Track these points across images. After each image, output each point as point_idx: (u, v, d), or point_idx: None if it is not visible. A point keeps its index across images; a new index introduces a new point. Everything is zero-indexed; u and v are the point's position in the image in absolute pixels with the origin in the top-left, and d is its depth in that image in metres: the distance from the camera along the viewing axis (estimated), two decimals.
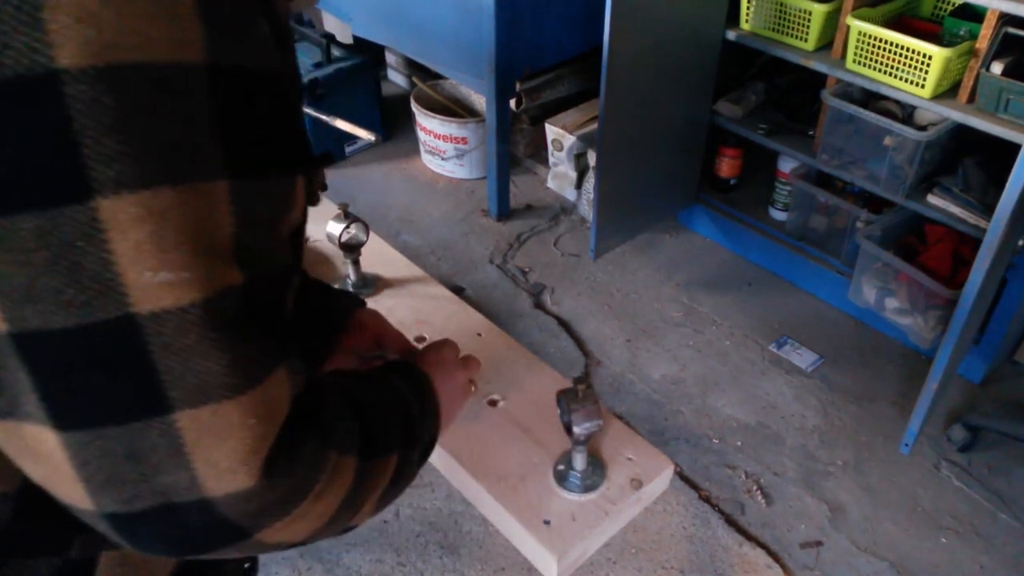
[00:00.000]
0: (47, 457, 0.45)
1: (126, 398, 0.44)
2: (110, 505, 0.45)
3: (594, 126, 2.81)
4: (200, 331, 0.44)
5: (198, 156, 0.43)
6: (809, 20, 2.18)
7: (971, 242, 2.12)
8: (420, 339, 1.12)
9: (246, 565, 0.76)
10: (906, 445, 2.10)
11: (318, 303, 0.89)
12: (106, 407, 0.44)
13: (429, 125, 3.07)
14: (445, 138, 3.05)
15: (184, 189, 0.43)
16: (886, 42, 1.99)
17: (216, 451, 0.45)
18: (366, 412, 0.59)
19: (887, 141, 2.14)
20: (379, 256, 1.27)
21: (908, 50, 1.95)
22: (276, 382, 0.48)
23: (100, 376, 0.43)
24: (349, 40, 3.27)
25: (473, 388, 0.87)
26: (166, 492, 0.45)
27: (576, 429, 0.86)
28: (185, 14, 0.42)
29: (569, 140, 2.86)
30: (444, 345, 0.83)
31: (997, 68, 1.84)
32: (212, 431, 0.45)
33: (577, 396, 0.86)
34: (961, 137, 2.12)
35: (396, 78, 3.74)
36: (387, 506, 0.62)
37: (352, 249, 1.18)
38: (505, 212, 2.95)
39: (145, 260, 0.42)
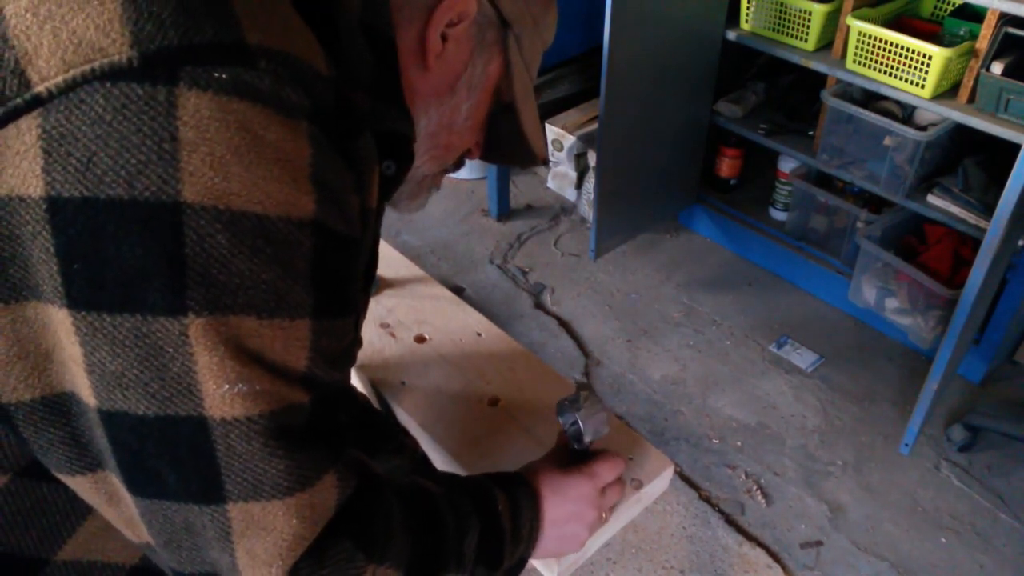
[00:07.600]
0: (127, 506, 0.52)
1: (186, 483, 0.49)
2: (170, 561, 0.53)
3: (594, 126, 2.81)
4: (263, 440, 0.49)
5: (289, 297, 0.49)
6: (809, 20, 2.18)
7: (971, 242, 2.12)
8: (420, 339, 1.12)
9: None
10: (906, 445, 2.10)
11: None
12: (168, 486, 0.50)
13: None
14: None
15: (269, 323, 0.49)
16: (886, 42, 1.99)
17: (257, 543, 0.51)
18: (431, 527, 0.63)
19: (887, 141, 2.14)
20: (379, 256, 1.27)
21: (908, 50, 1.95)
22: (324, 487, 0.53)
23: (167, 460, 0.49)
24: None
25: (604, 516, 0.85)
26: (214, 566, 0.52)
27: (587, 439, 0.84)
28: (303, 180, 0.48)
29: (569, 140, 2.86)
30: (585, 478, 0.81)
31: (997, 68, 1.84)
32: (257, 524, 0.50)
33: (580, 404, 0.83)
34: (961, 137, 2.12)
35: None
36: None
37: None
38: (505, 212, 2.95)
39: (224, 374, 0.47)
